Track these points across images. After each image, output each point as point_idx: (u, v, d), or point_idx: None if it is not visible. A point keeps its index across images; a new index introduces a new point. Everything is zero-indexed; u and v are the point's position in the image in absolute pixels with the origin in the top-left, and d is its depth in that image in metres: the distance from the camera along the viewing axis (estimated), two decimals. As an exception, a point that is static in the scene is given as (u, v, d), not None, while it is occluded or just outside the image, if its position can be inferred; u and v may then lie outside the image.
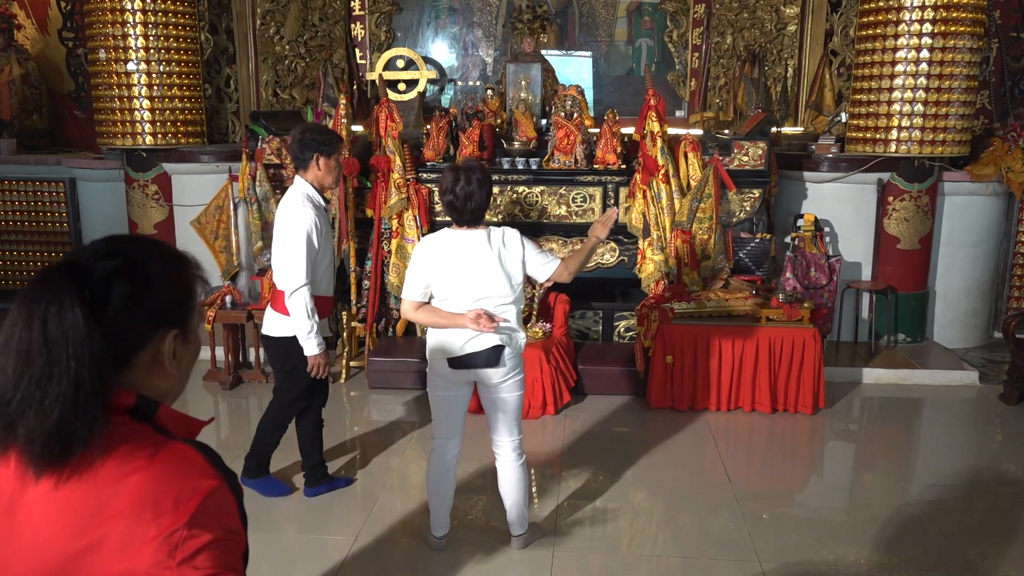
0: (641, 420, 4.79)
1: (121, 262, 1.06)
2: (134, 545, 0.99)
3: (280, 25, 6.99)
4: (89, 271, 1.03)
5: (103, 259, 1.05)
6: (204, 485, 1.04)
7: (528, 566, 3.20)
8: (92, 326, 1.00)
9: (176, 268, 1.13)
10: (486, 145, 5.63)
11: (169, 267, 1.12)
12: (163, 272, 1.10)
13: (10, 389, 0.99)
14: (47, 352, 0.99)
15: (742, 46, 6.90)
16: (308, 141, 3.40)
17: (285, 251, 3.32)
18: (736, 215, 5.59)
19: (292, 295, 3.30)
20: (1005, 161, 5.84)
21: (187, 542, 0.99)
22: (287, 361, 3.50)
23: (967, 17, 5.41)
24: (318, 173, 3.43)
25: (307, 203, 3.36)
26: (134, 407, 1.08)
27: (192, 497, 1.02)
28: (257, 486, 3.67)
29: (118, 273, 1.05)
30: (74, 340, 0.99)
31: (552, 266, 3.08)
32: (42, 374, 0.98)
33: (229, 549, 1.04)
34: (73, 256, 1.06)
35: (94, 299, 1.02)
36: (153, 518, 0.99)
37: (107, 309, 1.03)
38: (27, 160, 6.96)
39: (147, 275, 1.08)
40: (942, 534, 3.51)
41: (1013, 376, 5.12)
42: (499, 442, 3.15)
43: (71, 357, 0.99)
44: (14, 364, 0.99)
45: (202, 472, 1.05)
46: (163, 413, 1.11)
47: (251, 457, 3.68)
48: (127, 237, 1.13)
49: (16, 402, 0.99)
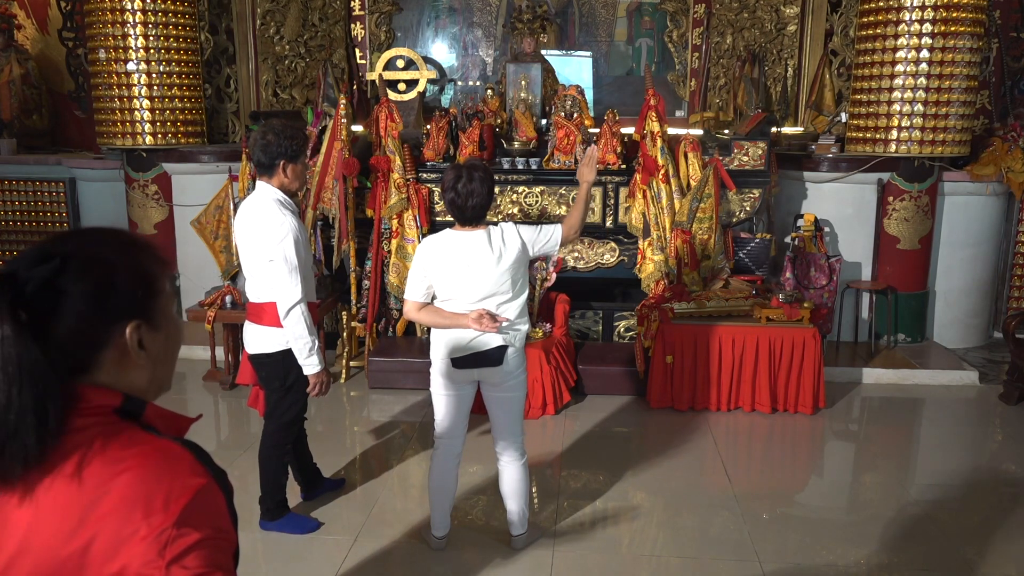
0: (641, 420, 4.79)
1: (55, 265, 1.01)
2: (124, 545, 0.98)
3: (280, 25, 6.99)
4: (23, 281, 0.99)
5: (36, 265, 1.01)
6: (193, 483, 1.02)
7: (528, 566, 3.20)
8: (25, 342, 0.97)
9: (124, 256, 1.08)
10: (486, 145, 5.63)
11: (115, 257, 1.07)
12: (108, 264, 1.05)
13: None
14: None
15: (742, 46, 6.90)
16: (273, 146, 3.11)
17: (275, 267, 3.07)
18: (736, 215, 5.59)
19: (290, 312, 3.09)
20: (1005, 161, 5.84)
21: (176, 541, 0.98)
22: (287, 377, 3.26)
23: (967, 17, 5.41)
24: (284, 180, 3.16)
25: (284, 210, 3.12)
26: (120, 407, 1.06)
27: (181, 495, 1.00)
28: (281, 527, 3.42)
29: (54, 276, 1.01)
30: (9, 361, 0.96)
31: (556, 235, 3.09)
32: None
33: (219, 548, 1.03)
34: (10, 266, 1.01)
35: (31, 310, 0.98)
36: (143, 517, 0.98)
37: (51, 317, 1.00)
38: (27, 160, 6.96)
39: (87, 272, 1.03)
40: (942, 534, 3.51)
41: (1013, 376, 5.12)
42: (501, 442, 3.15)
43: (10, 379, 0.96)
44: None
45: (191, 470, 1.04)
46: (150, 412, 1.10)
47: (265, 497, 3.42)
48: (69, 234, 1.08)
49: None
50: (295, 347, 3.17)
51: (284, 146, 3.12)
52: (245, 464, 3.93)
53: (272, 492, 3.42)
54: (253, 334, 3.30)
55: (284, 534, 3.41)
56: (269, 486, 3.42)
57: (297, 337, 3.14)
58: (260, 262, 3.14)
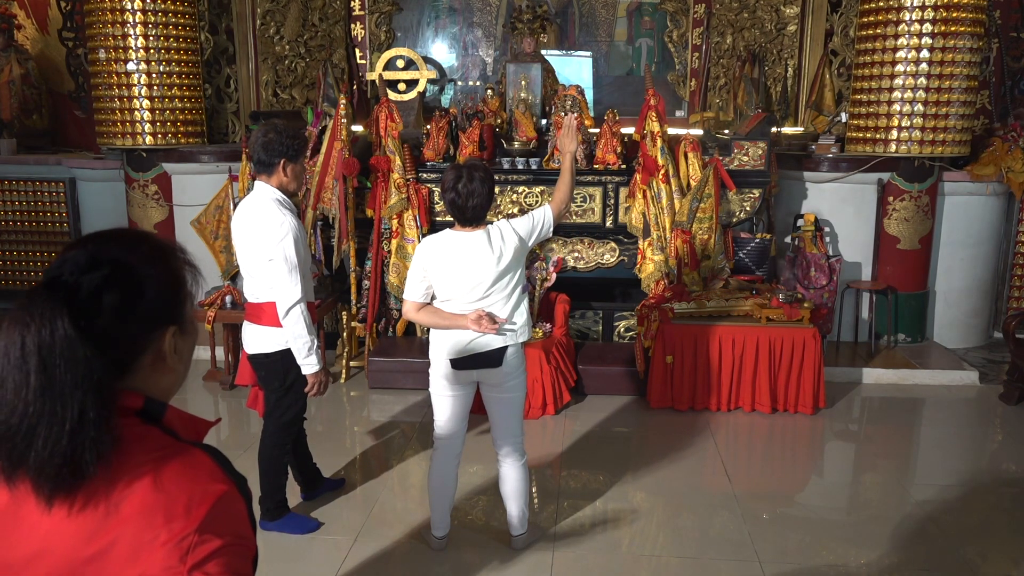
0: (641, 420, 4.79)
1: (107, 272, 1.02)
2: (145, 550, 0.98)
3: (280, 25, 6.99)
4: (75, 287, 0.99)
5: (87, 272, 1.01)
6: (214, 490, 1.03)
7: (528, 566, 3.20)
8: (87, 346, 0.97)
9: (164, 263, 1.09)
10: (486, 145, 5.63)
11: (157, 264, 1.08)
12: (152, 272, 1.06)
13: (14, 421, 0.96)
14: (46, 379, 0.96)
15: (742, 46, 6.90)
16: (275, 144, 3.11)
17: (275, 266, 3.07)
18: (736, 215, 5.59)
19: (289, 311, 3.08)
20: (1005, 161, 5.84)
21: (198, 547, 0.99)
22: (286, 377, 3.26)
23: (967, 17, 5.41)
24: (283, 179, 3.16)
25: (284, 210, 3.11)
26: (142, 409, 1.07)
27: (203, 502, 1.01)
28: (281, 527, 3.41)
29: (106, 285, 1.01)
30: (72, 364, 0.96)
31: (548, 218, 3.14)
32: (44, 403, 0.96)
33: (239, 554, 1.04)
34: (55, 272, 1.01)
35: (85, 316, 0.98)
36: (164, 523, 0.99)
37: (100, 323, 1.00)
38: (27, 160, 6.96)
39: (136, 280, 1.04)
40: (942, 534, 3.51)
41: (1013, 376, 5.12)
42: (500, 442, 3.15)
43: (72, 383, 0.96)
44: (13, 394, 0.96)
45: (212, 476, 1.04)
46: (171, 415, 1.10)
47: (265, 498, 3.40)
48: (107, 238, 1.08)
49: (23, 433, 0.96)
50: (294, 347, 3.16)
51: (286, 145, 3.12)
52: (245, 464, 3.89)
53: (272, 492, 3.42)
54: (252, 334, 3.29)
55: (284, 534, 3.41)
56: (269, 486, 3.41)
57: (296, 337, 3.14)
58: (260, 262, 3.13)
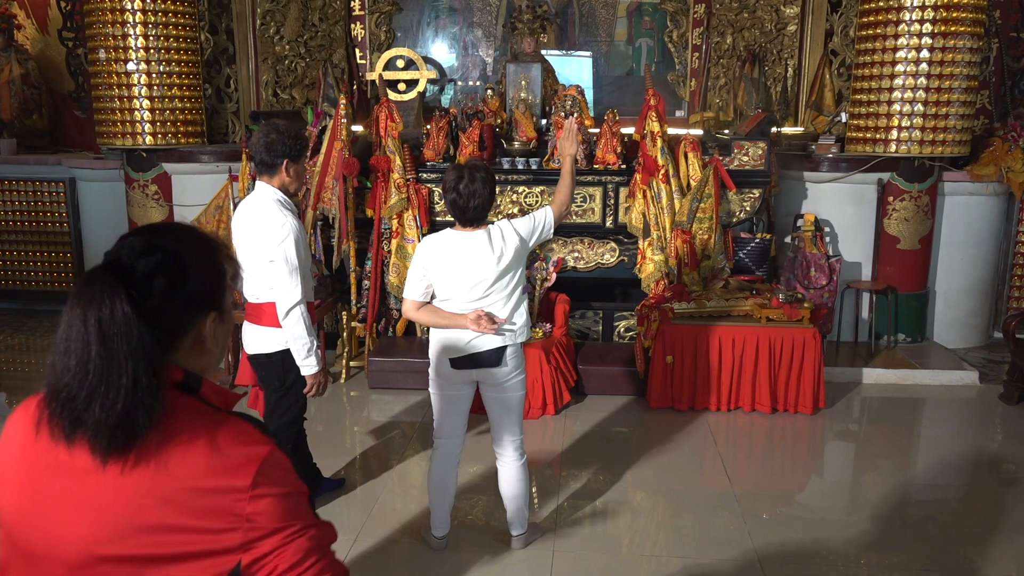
0: (641, 420, 4.79)
1: (160, 258, 1.14)
2: (202, 510, 1.09)
3: (280, 25, 6.99)
4: (132, 269, 1.12)
5: (142, 256, 1.13)
6: (262, 450, 1.14)
7: (528, 566, 3.20)
8: (141, 322, 1.09)
9: (209, 255, 1.22)
10: (486, 145, 5.63)
11: (202, 256, 1.20)
12: (198, 262, 1.19)
13: (75, 386, 1.08)
14: (105, 350, 1.07)
15: (742, 46, 6.90)
16: (277, 145, 3.11)
17: (276, 267, 3.07)
18: (736, 215, 5.59)
19: (289, 312, 3.09)
20: (1005, 161, 5.84)
21: (257, 499, 1.11)
22: (286, 377, 3.26)
23: (967, 17, 5.41)
24: (286, 180, 3.17)
25: (285, 211, 3.12)
26: (182, 382, 1.18)
27: (253, 460, 1.13)
28: None
29: (158, 269, 1.13)
30: (128, 337, 1.08)
31: (549, 219, 3.15)
32: (103, 370, 1.07)
33: (295, 500, 1.16)
34: (114, 255, 1.14)
35: (139, 295, 1.11)
36: (219, 482, 1.10)
37: (150, 303, 1.12)
38: (27, 160, 6.96)
39: (184, 267, 1.16)
40: (942, 534, 3.51)
41: (1013, 376, 5.12)
42: (500, 442, 3.15)
43: (127, 353, 1.08)
44: (76, 362, 1.08)
45: (256, 439, 1.16)
46: (206, 387, 1.21)
47: None
48: (160, 230, 1.21)
49: (82, 398, 1.08)
50: (293, 348, 3.16)
51: (288, 146, 3.13)
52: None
53: None
54: (252, 334, 3.29)
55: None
56: None
57: (296, 338, 3.14)
58: (260, 262, 3.13)
